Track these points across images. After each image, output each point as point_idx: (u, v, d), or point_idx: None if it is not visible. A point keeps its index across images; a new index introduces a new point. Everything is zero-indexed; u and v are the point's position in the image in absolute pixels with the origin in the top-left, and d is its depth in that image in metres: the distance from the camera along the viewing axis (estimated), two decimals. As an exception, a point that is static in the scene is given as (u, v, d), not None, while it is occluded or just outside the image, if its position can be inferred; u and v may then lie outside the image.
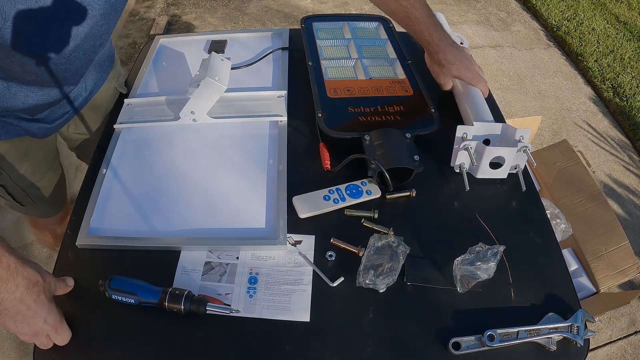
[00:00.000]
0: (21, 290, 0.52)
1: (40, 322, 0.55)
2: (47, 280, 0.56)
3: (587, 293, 1.29)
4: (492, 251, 0.61)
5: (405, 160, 0.72)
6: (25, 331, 0.55)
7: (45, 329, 0.55)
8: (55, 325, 0.56)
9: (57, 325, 0.56)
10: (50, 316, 0.55)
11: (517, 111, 2.21)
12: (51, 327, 0.56)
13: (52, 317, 0.56)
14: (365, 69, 0.93)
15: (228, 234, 0.68)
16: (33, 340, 0.57)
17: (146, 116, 0.84)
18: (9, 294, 0.51)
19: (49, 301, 0.56)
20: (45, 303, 0.55)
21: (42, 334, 0.56)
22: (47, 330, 0.56)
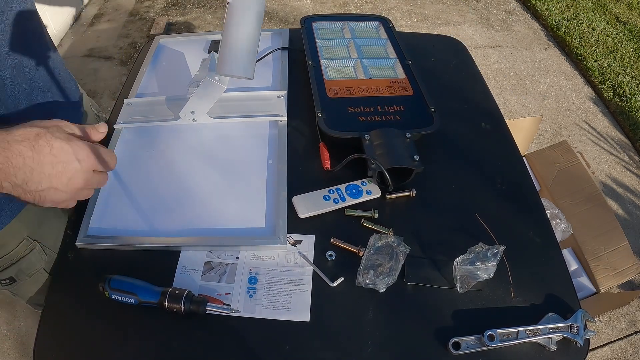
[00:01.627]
0: (28, 155, 0.44)
1: (76, 165, 0.48)
2: (49, 126, 0.48)
3: (587, 293, 1.29)
4: (492, 251, 0.61)
5: (405, 160, 0.72)
6: (76, 185, 0.48)
7: (85, 167, 0.49)
8: (91, 154, 0.49)
9: (94, 155, 0.49)
10: (80, 152, 0.48)
11: (517, 111, 2.21)
12: (90, 160, 0.49)
13: (83, 151, 0.48)
14: (365, 69, 0.93)
15: (228, 233, 0.68)
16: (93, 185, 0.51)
17: (146, 116, 0.84)
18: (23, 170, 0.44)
19: (67, 141, 0.47)
20: (64, 146, 0.47)
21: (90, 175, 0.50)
22: (89, 166, 0.49)
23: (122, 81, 1.84)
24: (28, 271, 0.71)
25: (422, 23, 2.76)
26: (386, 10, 2.85)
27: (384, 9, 2.86)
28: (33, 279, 0.73)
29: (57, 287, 0.65)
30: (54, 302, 0.63)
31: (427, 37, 1.16)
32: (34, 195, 0.47)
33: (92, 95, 2.16)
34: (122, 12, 2.75)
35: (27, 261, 0.70)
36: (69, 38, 2.54)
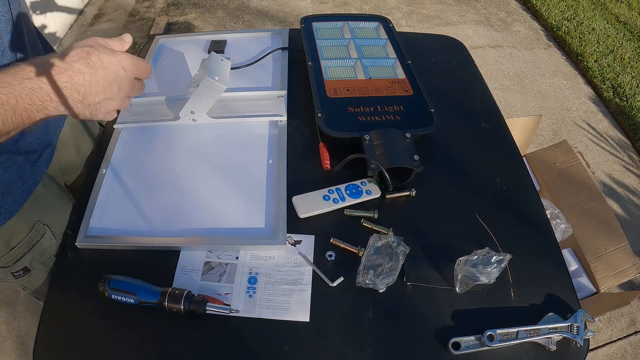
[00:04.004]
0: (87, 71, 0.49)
1: (122, 73, 0.53)
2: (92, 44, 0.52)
3: (587, 293, 1.29)
4: (497, 258, 0.61)
5: (405, 160, 0.72)
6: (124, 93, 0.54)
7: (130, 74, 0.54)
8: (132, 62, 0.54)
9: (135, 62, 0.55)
10: (124, 61, 0.53)
11: (517, 111, 2.21)
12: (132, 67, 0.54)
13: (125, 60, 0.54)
14: (365, 69, 0.93)
15: (228, 233, 0.68)
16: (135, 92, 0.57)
17: (146, 116, 0.84)
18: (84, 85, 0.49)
19: (112, 54, 0.53)
20: (111, 59, 0.52)
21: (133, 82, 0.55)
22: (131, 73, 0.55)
23: (122, 81, 1.83)
24: (41, 258, 0.72)
25: (422, 23, 2.76)
26: (386, 10, 2.85)
27: (384, 9, 2.86)
28: (46, 267, 0.73)
29: (57, 287, 0.65)
30: (54, 302, 0.63)
31: (427, 37, 1.16)
32: (91, 108, 0.52)
33: (92, 95, 2.16)
34: (122, 12, 2.75)
35: (40, 247, 0.71)
36: (69, 38, 2.53)
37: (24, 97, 0.45)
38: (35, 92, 0.46)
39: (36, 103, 0.47)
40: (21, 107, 0.45)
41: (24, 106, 0.46)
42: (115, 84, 0.53)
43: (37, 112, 0.47)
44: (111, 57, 0.52)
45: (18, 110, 0.45)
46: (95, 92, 0.51)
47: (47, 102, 0.47)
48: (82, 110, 0.51)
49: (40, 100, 0.47)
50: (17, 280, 0.73)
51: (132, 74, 0.56)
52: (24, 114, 0.46)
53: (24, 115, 0.46)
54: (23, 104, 0.45)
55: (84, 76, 0.49)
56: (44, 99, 0.47)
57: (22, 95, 0.45)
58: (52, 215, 0.72)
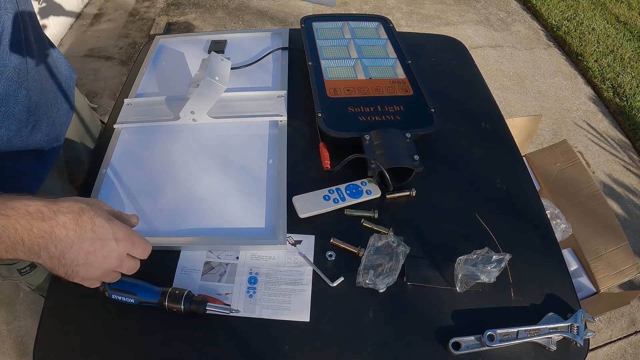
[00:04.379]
0: (72, 228, 0.45)
1: (113, 244, 0.48)
2: (92, 203, 0.49)
3: (587, 293, 1.29)
4: (497, 257, 0.61)
5: (405, 160, 0.72)
6: (109, 265, 0.49)
7: (122, 248, 0.49)
8: (128, 237, 0.50)
9: (132, 238, 0.50)
10: (119, 233, 0.49)
11: (517, 111, 2.21)
12: (127, 243, 0.50)
13: (121, 232, 0.49)
14: (365, 69, 0.93)
15: (228, 233, 0.68)
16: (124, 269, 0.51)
17: (146, 116, 0.84)
18: (64, 242, 0.45)
19: (108, 221, 0.48)
20: (105, 224, 0.48)
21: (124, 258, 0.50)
22: (125, 248, 0.50)
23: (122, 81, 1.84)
24: None
25: (422, 23, 2.76)
26: (386, 10, 2.85)
27: (384, 9, 2.86)
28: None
29: (57, 287, 0.65)
30: (54, 302, 0.63)
31: (427, 37, 1.16)
32: (66, 268, 0.47)
33: (92, 95, 2.16)
34: (122, 12, 2.75)
35: None
36: (69, 38, 2.54)
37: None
38: (8, 232, 0.42)
39: (6, 242, 0.43)
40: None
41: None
42: (100, 253, 0.48)
43: (4, 252, 0.43)
44: (106, 222, 0.48)
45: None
46: (75, 254, 0.46)
47: (17, 244, 0.43)
48: (57, 267, 0.47)
49: (10, 241, 0.43)
50: (23, 277, 0.73)
51: (125, 249, 0.50)
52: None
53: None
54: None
55: (67, 232, 0.45)
56: (15, 241, 0.43)
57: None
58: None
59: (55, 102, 0.73)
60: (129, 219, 0.55)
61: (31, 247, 0.44)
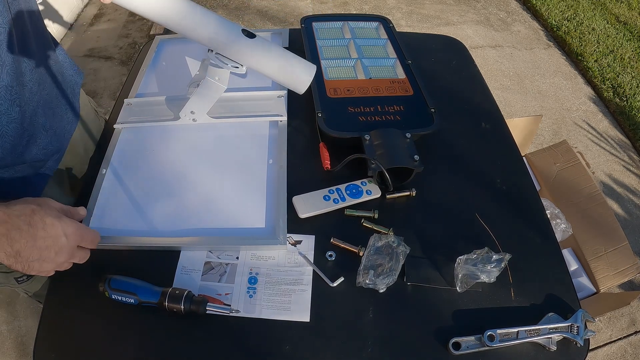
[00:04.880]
0: (25, 229, 0.49)
1: (63, 240, 0.52)
2: (42, 203, 0.53)
3: (587, 293, 1.29)
4: (497, 257, 0.61)
5: (405, 160, 0.72)
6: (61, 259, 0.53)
7: (72, 242, 0.53)
8: (77, 232, 0.54)
9: (80, 232, 0.54)
10: (68, 229, 0.53)
11: (517, 111, 2.21)
12: (76, 237, 0.54)
13: (70, 228, 0.53)
14: (365, 69, 0.93)
15: (228, 233, 0.68)
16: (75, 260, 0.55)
17: (146, 116, 0.84)
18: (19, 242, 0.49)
19: (57, 219, 0.52)
20: (55, 223, 0.52)
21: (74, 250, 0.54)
22: (74, 241, 0.54)
23: (122, 81, 1.84)
24: None
25: (422, 23, 2.76)
26: (386, 10, 2.85)
27: (384, 9, 2.86)
28: None
29: (56, 287, 0.65)
30: (54, 302, 0.63)
31: (427, 37, 1.16)
32: (23, 264, 0.51)
33: (92, 95, 2.16)
34: (122, 12, 2.75)
35: None
36: (69, 38, 2.54)
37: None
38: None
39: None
40: None
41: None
42: (52, 249, 0.52)
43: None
44: (55, 221, 0.52)
45: None
46: (29, 252, 0.50)
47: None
48: (14, 264, 0.50)
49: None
50: (20, 285, 0.73)
51: (75, 243, 0.54)
52: None
53: None
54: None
55: (21, 233, 0.49)
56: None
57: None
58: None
59: (58, 112, 0.72)
60: (76, 212, 0.58)
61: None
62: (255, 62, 0.70)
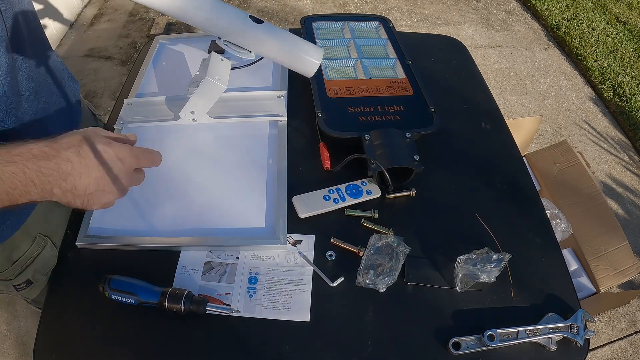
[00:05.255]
0: (76, 160, 0.47)
1: (118, 165, 0.50)
2: (90, 132, 0.50)
3: (587, 293, 1.29)
4: (497, 257, 0.61)
5: (405, 160, 0.72)
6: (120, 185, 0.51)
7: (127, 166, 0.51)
8: (131, 154, 0.51)
9: (134, 153, 0.52)
10: (121, 153, 0.51)
11: (517, 111, 2.21)
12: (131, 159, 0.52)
13: (123, 152, 0.51)
14: (365, 69, 0.93)
15: (228, 234, 0.68)
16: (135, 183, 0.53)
17: (146, 116, 0.84)
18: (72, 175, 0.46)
19: (108, 144, 0.50)
20: (106, 149, 0.49)
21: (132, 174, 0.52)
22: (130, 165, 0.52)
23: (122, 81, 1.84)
24: (44, 270, 0.71)
25: (422, 23, 2.76)
26: (386, 10, 2.85)
27: (384, 9, 2.86)
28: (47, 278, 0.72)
29: (57, 287, 0.65)
30: (54, 302, 0.63)
31: (427, 37, 1.16)
32: (82, 199, 0.49)
33: (92, 95, 2.16)
34: (122, 12, 2.75)
35: (42, 259, 0.70)
36: (69, 38, 2.54)
37: (5, 181, 0.44)
38: (18, 177, 0.44)
39: (18, 187, 0.45)
40: (2, 190, 0.44)
41: (5, 189, 0.44)
42: (109, 176, 0.50)
43: (19, 197, 0.45)
44: (106, 147, 0.50)
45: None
46: (85, 183, 0.48)
47: (30, 187, 0.45)
48: (73, 200, 0.49)
49: (22, 185, 0.45)
50: (19, 293, 0.73)
51: (131, 166, 0.52)
52: (5, 196, 0.44)
53: (5, 198, 0.45)
54: (4, 187, 0.44)
55: (72, 165, 0.47)
56: (26, 184, 0.45)
57: (3, 178, 0.43)
58: (53, 226, 0.71)
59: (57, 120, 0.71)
60: (127, 138, 0.56)
61: (43, 187, 0.46)
62: (264, 47, 0.70)
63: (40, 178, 0.45)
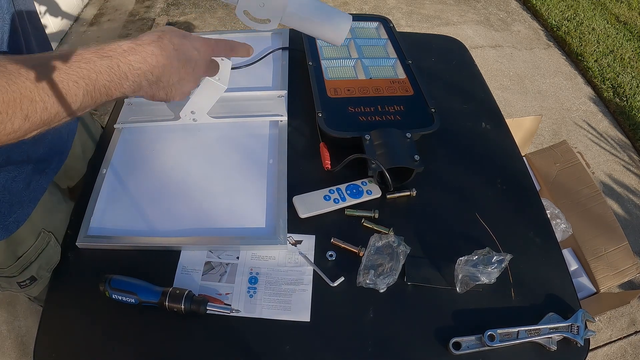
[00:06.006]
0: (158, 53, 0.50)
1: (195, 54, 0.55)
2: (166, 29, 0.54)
3: (587, 293, 1.29)
4: (497, 258, 0.61)
5: (406, 160, 0.72)
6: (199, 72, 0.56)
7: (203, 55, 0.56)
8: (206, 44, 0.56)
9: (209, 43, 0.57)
10: (196, 43, 0.55)
11: (517, 111, 2.21)
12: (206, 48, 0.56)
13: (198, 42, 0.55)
14: (366, 69, 0.93)
15: (228, 233, 0.68)
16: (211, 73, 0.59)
17: (146, 116, 0.84)
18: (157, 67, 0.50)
19: (184, 37, 0.54)
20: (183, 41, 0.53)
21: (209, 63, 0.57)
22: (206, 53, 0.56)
23: (122, 81, 1.83)
24: (48, 266, 0.70)
25: (422, 23, 2.76)
26: (386, 10, 2.85)
27: (384, 9, 2.86)
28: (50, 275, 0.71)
29: (57, 287, 0.65)
30: (54, 302, 0.63)
31: (427, 37, 1.16)
32: (166, 90, 0.54)
33: (92, 95, 2.16)
34: (122, 12, 2.75)
35: (46, 255, 0.70)
36: (70, 38, 2.53)
37: (103, 74, 0.47)
38: (113, 70, 0.48)
39: (114, 81, 0.48)
40: (101, 83, 0.47)
41: (103, 82, 0.47)
42: (188, 65, 0.54)
43: (114, 90, 0.49)
44: (183, 39, 0.54)
45: (97, 86, 0.47)
46: (168, 74, 0.52)
47: (123, 80, 0.49)
48: (157, 92, 0.53)
49: (118, 77, 0.48)
50: (22, 290, 0.73)
51: (208, 55, 0.57)
52: (103, 89, 0.47)
53: (102, 91, 0.48)
54: (102, 80, 0.47)
55: (156, 58, 0.50)
56: (121, 77, 0.48)
57: (101, 71, 0.47)
58: (56, 222, 0.72)
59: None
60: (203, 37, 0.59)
61: (134, 80, 0.50)
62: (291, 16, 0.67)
63: (132, 71, 0.49)
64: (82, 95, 0.46)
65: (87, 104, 0.47)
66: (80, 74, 0.45)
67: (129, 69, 0.49)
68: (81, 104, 0.46)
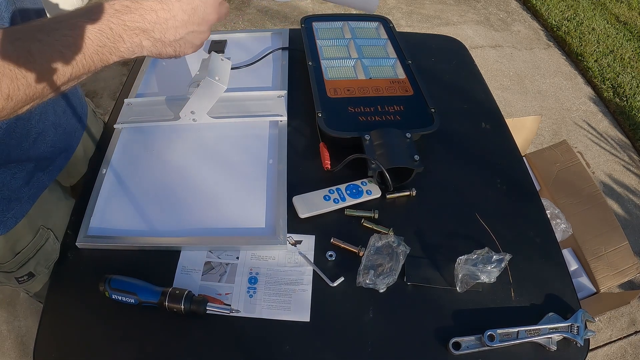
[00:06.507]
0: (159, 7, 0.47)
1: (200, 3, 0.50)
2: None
3: (587, 293, 1.29)
4: (497, 257, 0.61)
5: (405, 160, 0.72)
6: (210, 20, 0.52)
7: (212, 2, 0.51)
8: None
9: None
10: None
11: (517, 111, 2.21)
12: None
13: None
14: (365, 69, 0.93)
15: (228, 233, 0.68)
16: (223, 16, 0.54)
17: (146, 116, 0.84)
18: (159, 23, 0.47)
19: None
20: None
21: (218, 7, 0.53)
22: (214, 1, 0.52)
23: (122, 81, 1.84)
24: (46, 263, 0.71)
25: (422, 23, 2.76)
26: (386, 10, 2.85)
27: (384, 9, 2.86)
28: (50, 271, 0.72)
29: (57, 287, 0.65)
30: (54, 302, 0.63)
31: (427, 37, 1.16)
32: (174, 46, 0.50)
33: (92, 95, 2.16)
34: (122, 12, 2.74)
35: (44, 252, 0.70)
36: (69, 38, 2.53)
37: (93, 39, 0.43)
38: (105, 34, 0.44)
39: (107, 45, 0.45)
40: (91, 49, 0.44)
41: (95, 48, 0.44)
42: (196, 15, 0.50)
43: (109, 55, 0.46)
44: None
45: (88, 53, 0.44)
46: (174, 28, 0.48)
47: (118, 43, 0.45)
48: (164, 49, 0.50)
49: (111, 42, 0.45)
50: (20, 285, 0.73)
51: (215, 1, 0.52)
52: (95, 56, 0.44)
53: (96, 58, 0.45)
54: (93, 46, 0.44)
55: (157, 13, 0.47)
56: (115, 40, 0.45)
57: (91, 37, 0.43)
58: (55, 219, 0.72)
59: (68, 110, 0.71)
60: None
61: (132, 41, 0.46)
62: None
63: (127, 32, 0.45)
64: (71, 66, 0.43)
65: (78, 73, 0.44)
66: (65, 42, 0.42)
67: (124, 30, 0.45)
68: (71, 75, 0.43)
